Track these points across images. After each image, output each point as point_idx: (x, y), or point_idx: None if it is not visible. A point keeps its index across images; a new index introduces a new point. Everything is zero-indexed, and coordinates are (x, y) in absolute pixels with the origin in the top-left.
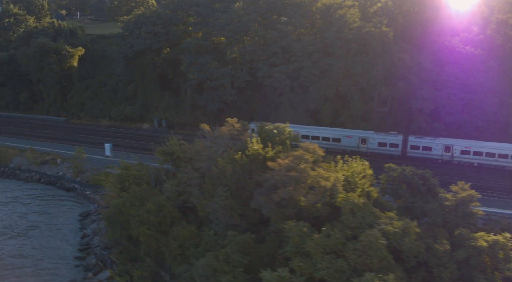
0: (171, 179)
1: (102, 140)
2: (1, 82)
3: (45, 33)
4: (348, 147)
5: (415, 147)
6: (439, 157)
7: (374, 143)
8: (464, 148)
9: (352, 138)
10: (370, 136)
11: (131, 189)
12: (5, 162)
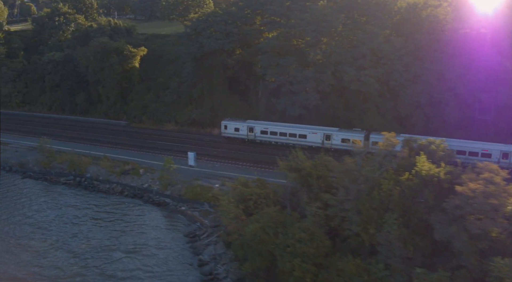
0: (312, 200)
1: (177, 147)
2: (57, 83)
3: (102, 32)
4: (313, 143)
5: (377, 143)
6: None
7: (337, 139)
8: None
9: (317, 134)
10: (333, 132)
11: (265, 213)
12: (80, 172)
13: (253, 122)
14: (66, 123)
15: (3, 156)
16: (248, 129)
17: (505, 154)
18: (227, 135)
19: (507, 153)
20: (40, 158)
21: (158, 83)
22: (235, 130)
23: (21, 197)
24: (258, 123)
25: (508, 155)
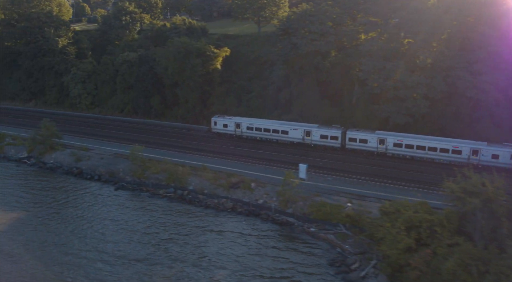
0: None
1: (273, 156)
2: (130, 84)
3: (177, 32)
4: (294, 139)
5: (353, 139)
6: (375, 149)
7: (317, 135)
8: (397, 141)
9: (298, 130)
10: (313, 129)
11: (458, 246)
12: (181, 183)
13: (239, 119)
14: (143, 127)
15: (89, 163)
16: (235, 125)
17: (475, 151)
18: (216, 131)
19: (477, 150)
20: (132, 167)
21: (239, 86)
22: (224, 126)
23: (122, 212)
24: (244, 120)
25: (478, 152)
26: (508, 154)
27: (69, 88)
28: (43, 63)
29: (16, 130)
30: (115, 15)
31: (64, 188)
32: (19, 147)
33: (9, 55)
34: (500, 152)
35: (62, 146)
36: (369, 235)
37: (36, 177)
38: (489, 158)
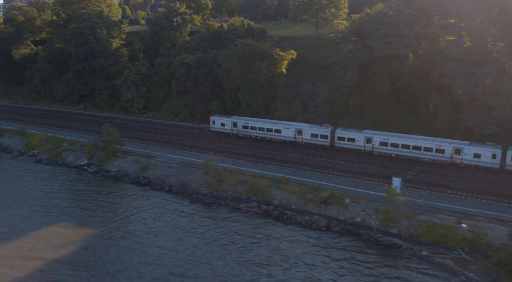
0: None
1: (356, 168)
2: (187, 88)
3: (236, 34)
4: (287, 138)
5: (341, 138)
6: (362, 148)
7: (307, 134)
8: (383, 140)
9: (290, 129)
10: (304, 128)
11: None
12: (264, 197)
13: (236, 118)
14: (203, 133)
15: (156, 172)
16: (232, 124)
17: (458, 150)
18: (214, 129)
19: (459, 149)
20: (206, 178)
21: (303, 91)
22: (222, 125)
23: (209, 229)
24: (240, 119)
25: (461, 151)
26: (489, 153)
27: (121, 91)
28: (94, 65)
29: (71, 134)
30: (166, 16)
31: (137, 200)
32: (77, 153)
33: (59, 57)
34: (481, 152)
35: (123, 153)
36: (497, 262)
37: (102, 187)
38: (471, 157)
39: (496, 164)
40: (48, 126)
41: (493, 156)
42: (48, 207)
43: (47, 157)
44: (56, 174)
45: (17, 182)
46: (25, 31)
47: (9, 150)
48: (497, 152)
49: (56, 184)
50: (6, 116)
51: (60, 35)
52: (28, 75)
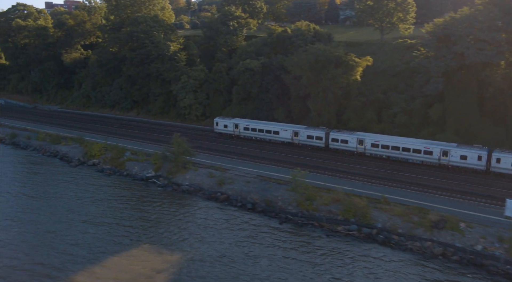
0: None
1: (452, 185)
2: (250, 95)
3: (302, 39)
4: (285, 139)
5: (335, 140)
6: (354, 149)
7: (303, 136)
8: (374, 142)
9: (287, 131)
10: (300, 130)
11: None
12: (365, 219)
13: (238, 120)
14: (272, 144)
15: (235, 187)
16: (234, 126)
17: (445, 152)
18: (218, 131)
19: (446, 151)
20: (294, 196)
21: (376, 100)
22: (224, 126)
23: (313, 256)
24: (241, 121)
25: (448, 153)
26: (475, 155)
27: (178, 98)
28: (150, 70)
29: (129, 142)
30: (221, 20)
31: (219, 219)
32: (142, 164)
33: (112, 61)
34: (468, 154)
35: (193, 165)
36: None
37: (176, 203)
38: (458, 159)
39: (482, 165)
40: (104, 133)
41: (479, 158)
42: (123, 225)
43: (109, 167)
44: (122, 187)
45: (83, 194)
46: (75, 35)
47: (68, 158)
48: (483, 154)
49: (126, 198)
50: (58, 122)
51: (114, 39)
52: (77, 79)
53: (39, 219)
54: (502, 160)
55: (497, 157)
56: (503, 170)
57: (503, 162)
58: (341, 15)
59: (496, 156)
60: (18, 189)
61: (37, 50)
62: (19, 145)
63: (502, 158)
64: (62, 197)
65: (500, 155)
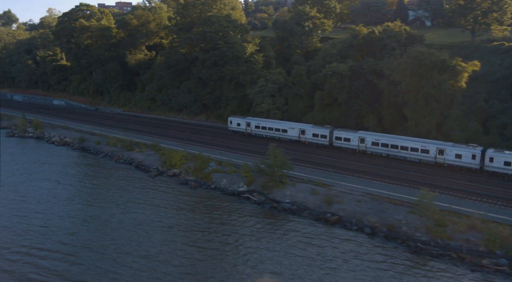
0: None
1: None
2: (335, 101)
3: (396, 41)
4: (292, 137)
5: (339, 138)
6: (356, 148)
7: (309, 134)
8: (374, 140)
9: (295, 129)
10: (307, 128)
11: None
12: None
13: (250, 119)
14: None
15: (347, 208)
16: (246, 124)
17: (441, 151)
18: (231, 129)
19: (442, 150)
20: (424, 221)
21: (479, 109)
22: (237, 125)
23: None
24: (253, 119)
25: (443, 152)
26: (469, 154)
27: (254, 102)
28: (224, 72)
29: (207, 151)
30: (296, 21)
31: (341, 247)
32: (230, 176)
33: (181, 62)
34: (462, 152)
35: (290, 179)
36: None
37: (282, 224)
38: (453, 157)
39: (476, 164)
40: (176, 139)
41: (473, 157)
42: (237, 253)
43: (194, 179)
44: (214, 203)
45: (175, 212)
46: (139, 36)
47: (144, 167)
48: (477, 153)
49: (222, 217)
50: (124, 125)
51: (185, 39)
52: (141, 81)
53: (137, 241)
54: (495, 159)
55: (490, 156)
56: (496, 169)
57: (495, 161)
58: (411, 15)
59: (489, 155)
60: (103, 203)
61: (100, 51)
62: (89, 150)
63: (495, 158)
64: (155, 213)
65: (493, 154)
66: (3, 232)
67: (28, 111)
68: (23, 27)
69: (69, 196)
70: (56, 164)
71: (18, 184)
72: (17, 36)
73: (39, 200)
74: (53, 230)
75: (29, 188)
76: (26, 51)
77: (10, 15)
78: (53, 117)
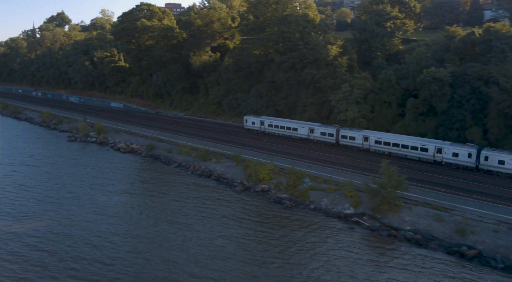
0: None
1: None
2: (436, 110)
3: (506, 43)
4: (302, 135)
5: (344, 137)
6: (360, 146)
7: (318, 133)
8: (377, 139)
9: (304, 128)
10: (315, 127)
11: None
12: None
13: (264, 118)
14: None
15: (484, 239)
16: (260, 123)
17: (439, 149)
18: (247, 127)
19: (440, 148)
20: None
21: None
22: (252, 123)
23: None
24: (266, 118)
25: (441, 150)
26: (465, 153)
27: (336, 109)
28: (303, 76)
29: (295, 163)
30: (376, 21)
31: None
32: (331, 195)
33: (254, 64)
34: (459, 151)
35: (400, 200)
36: None
37: (411, 260)
38: (450, 156)
39: (472, 163)
40: (253, 148)
41: (469, 156)
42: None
43: (288, 197)
44: (318, 227)
45: (280, 237)
46: (203, 37)
47: (227, 180)
48: (473, 152)
49: (342, 247)
50: (190, 131)
51: (259, 40)
52: (204, 84)
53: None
54: (490, 158)
55: (485, 155)
56: (491, 167)
57: (490, 160)
58: (487, 15)
59: (485, 154)
60: (197, 225)
61: (162, 52)
62: (159, 158)
63: (490, 156)
64: (259, 240)
65: (488, 153)
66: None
67: (86, 113)
68: (78, 27)
69: (155, 213)
70: (129, 174)
71: (93, 195)
72: (73, 37)
73: (122, 218)
74: (148, 258)
75: (107, 202)
76: (83, 52)
77: (64, 17)
78: (113, 120)
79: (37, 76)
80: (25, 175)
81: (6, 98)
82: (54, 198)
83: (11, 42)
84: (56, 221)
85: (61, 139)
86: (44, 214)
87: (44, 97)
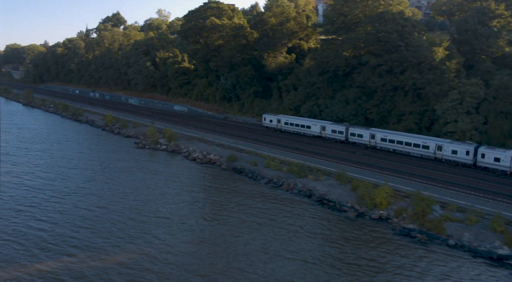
0: None
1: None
2: None
3: None
4: (315, 133)
5: (353, 134)
6: (367, 143)
7: (329, 130)
8: (383, 136)
9: (317, 126)
10: (327, 125)
11: None
12: None
13: (280, 116)
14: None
15: None
16: (277, 121)
17: (439, 147)
18: (265, 125)
19: (440, 146)
20: None
21: None
22: (270, 121)
23: None
24: (283, 116)
25: (442, 148)
26: (464, 150)
27: (442, 119)
28: (403, 81)
29: (408, 184)
30: (479, 20)
31: None
32: (472, 227)
33: (342, 68)
34: (458, 149)
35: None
36: None
37: None
38: (450, 153)
39: (470, 160)
40: (353, 163)
41: (467, 153)
42: None
43: (417, 229)
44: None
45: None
46: (277, 37)
47: (333, 203)
48: (470, 149)
49: None
50: (271, 141)
51: (349, 40)
52: (277, 88)
53: None
54: (486, 155)
55: (482, 153)
56: (487, 164)
57: (487, 157)
58: None
59: (481, 151)
60: None
61: (232, 53)
62: (243, 172)
63: (486, 154)
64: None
65: (484, 150)
66: None
67: (149, 117)
68: (138, 27)
69: (263, 247)
70: (215, 191)
71: (183, 216)
72: (132, 37)
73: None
74: None
75: (198, 226)
76: (144, 53)
77: (119, 17)
78: (179, 125)
79: (95, 77)
80: (102, 192)
81: (64, 98)
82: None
83: (69, 43)
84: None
85: (129, 146)
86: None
87: (101, 98)
